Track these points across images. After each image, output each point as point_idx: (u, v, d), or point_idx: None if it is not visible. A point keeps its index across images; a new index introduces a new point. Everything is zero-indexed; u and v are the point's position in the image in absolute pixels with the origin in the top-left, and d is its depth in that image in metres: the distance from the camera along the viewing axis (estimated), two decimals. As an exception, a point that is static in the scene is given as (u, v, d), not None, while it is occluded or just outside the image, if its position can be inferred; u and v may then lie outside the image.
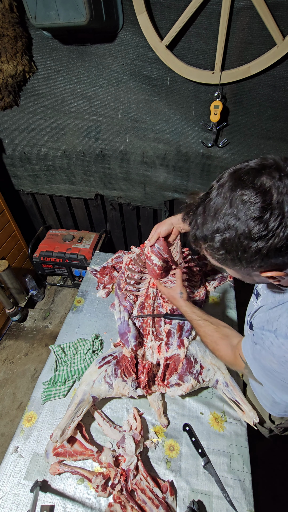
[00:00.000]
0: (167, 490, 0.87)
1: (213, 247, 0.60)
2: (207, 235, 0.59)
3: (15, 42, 1.57)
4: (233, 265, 0.62)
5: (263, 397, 1.00)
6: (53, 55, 1.68)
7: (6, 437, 1.81)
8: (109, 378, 1.04)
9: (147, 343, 1.17)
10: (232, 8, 1.35)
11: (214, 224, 0.57)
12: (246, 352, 0.76)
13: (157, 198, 2.20)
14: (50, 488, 0.91)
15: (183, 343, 1.12)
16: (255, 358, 0.71)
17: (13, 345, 2.28)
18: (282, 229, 0.51)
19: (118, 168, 2.09)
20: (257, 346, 0.69)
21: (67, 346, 1.26)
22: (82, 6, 1.28)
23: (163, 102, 1.73)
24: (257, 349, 0.69)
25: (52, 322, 2.43)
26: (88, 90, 1.77)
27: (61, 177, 2.25)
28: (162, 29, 1.49)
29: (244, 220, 0.53)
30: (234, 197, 0.55)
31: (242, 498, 0.88)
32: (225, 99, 1.63)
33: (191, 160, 1.93)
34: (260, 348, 0.67)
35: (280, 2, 1.31)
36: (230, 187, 0.56)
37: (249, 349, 0.74)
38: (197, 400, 1.08)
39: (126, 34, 1.54)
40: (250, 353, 0.73)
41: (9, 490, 0.91)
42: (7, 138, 2.11)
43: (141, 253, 1.36)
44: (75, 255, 2.30)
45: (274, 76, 1.51)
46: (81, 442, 0.97)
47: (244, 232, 0.53)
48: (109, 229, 2.60)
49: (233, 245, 0.56)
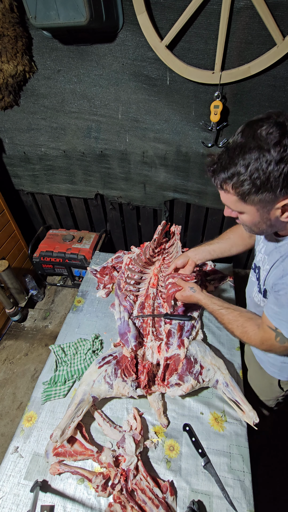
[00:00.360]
0: (167, 490, 0.87)
1: (240, 181, 0.66)
2: (234, 171, 0.66)
3: (15, 42, 1.57)
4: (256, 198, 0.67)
5: (271, 365, 1.07)
6: (53, 55, 1.68)
7: (6, 437, 1.81)
8: (109, 378, 1.04)
9: (147, 343, 1.17)
10: (232, 8, 1.35)
11: (240, 159, 0.65)
12: (270, 314, 0.82)
13: (157, 198, 2.20)
14: (50, 488, 0.91)
15: (183, 343, 1.12)
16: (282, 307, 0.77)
17: (13, 345, 2.28)
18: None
19: (118, 168, 2.09)
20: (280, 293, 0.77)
21: (67, 346, 1.26)
22: (82, 6, 1.28)
23: (163, 102, 1.73)
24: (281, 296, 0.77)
25: (52, 322, 2.43)
26: (88, 90, 1.77)
27: (61, 177, 2.25)
28: (162, 29, 1.49)
29: (267, 148, 0.62)
30: (255, 132, 0.64)
31: (242, 498, 0.88)
32: (225, 99, 1.63)
33: (191, 160, 1.93)
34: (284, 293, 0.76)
35: (280, 2, 1.31)
36: (249, 128, 0.66)
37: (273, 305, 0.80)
38: (197, 400, 1.08)
39: (126, 34, 1.54)
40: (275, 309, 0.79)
41: (9, 490, 0.91)
42: (7, 138, 2.11)
43: (140, 253, 1.37)
44: (75, 255, 2.30)
45: (274, 76, 1.51)
46: (81, 442, 0.97)
47: (267, 158, 0.62)
48: (109, 229, 2.60)
49: (259, 172, 0.63)
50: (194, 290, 1.10)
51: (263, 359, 1.11)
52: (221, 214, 2.22)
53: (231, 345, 1.24)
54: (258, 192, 0.66)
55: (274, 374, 1.08)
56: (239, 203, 0.71)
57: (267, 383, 1.14)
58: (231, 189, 0.69)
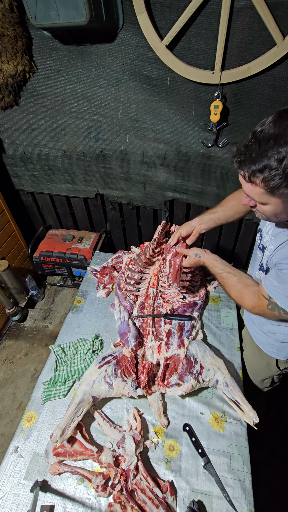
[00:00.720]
0: (167, 490, 0.87)
1: (272, 175, 0.64)
2: (267, 164, 0.64)
3: (15, 42, 1.57)
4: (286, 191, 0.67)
5: (270, 346, 1.12)
6: (53, 55, 1.68)
7: (6, 437, 1.81)
8: (109, 378, 1.04)
9: (147, 343, 1.17)
10: (232, 8, 1.35)
11: (274, 152, 0.63)
12: (267, 286, 0.88)
13: (157, 198, 2.20)
14: (50, 488, 0.91)
15: (183, 343, 1.12)
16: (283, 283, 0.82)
17: (13, 345, 2.28)
18: None
19: (118, 168, 2.09)
20: (284, 271, 0.82)
21: (67, 346, 1.26)
22: (82, 6, 1.28)
23: (163, 102, 1.73)
24: (283, 274, 0.82)
25: (52, 322, 2.43)
26: (88, 90, 1.77)
27: (61, 177, 2.25)
28: (162, 29, 1.49)
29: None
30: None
31: (242, 498, 0.88)
32: (225, 99, 1.63)
33: (191, 160, 1.93)
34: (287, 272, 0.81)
35: (280, 2, 1.31)
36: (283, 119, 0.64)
37: (273, 280, 0.86)
38: (197, 400, 1.08)
39: (126, 34, 1.54)
40: (274, 283, 0.85)
41: (9, 490, 0.91)
42: (7, 138, 2.11)
43: (140, 253, 1.37)
44: (75, 255, 2.30)
45: (274, 76, 1.51)
46: (81, 442, 0.97)
47: None
48: (109, 229, 2.60)
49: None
50: (199, 255, 1.14)
51: (262, 340, 1.16)
52: (221, 214, 2.22)
53: (231, 345, 1.24)
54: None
55: (272, 354, 1.14)
56: (266, 195, 0.71)
57: (264, 363, 1.20)
58: (261, 182, 0.68)
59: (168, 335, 1.16)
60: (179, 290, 1.32)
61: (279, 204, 0.72)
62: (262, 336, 1.15)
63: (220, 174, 1.94)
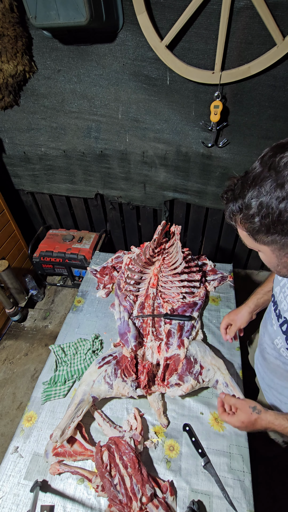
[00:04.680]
0: (167, 490, 0.87)
1: (248, 216, 0.57)
2: (242, 203, 0.58)
3: (15, 42, 1.57)
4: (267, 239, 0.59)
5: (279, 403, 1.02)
6: (53, 55, 1.68)
7: (6, 437, 1.81)
8: (109, 378, 1.04)
9: (147, 343, 1.17)
10: (232, 8, 1.35)
11: (251, 190, 0.56)
12: None
13: (157, 198, 2.20)
14: (50, 488, 0.91)
15: (183, 343, 1.12)
16: None
17: (13, 345, 2.28)
18: None
19: (118, 167, 2.09)
20: None
21: (67, 346, 1.26)
22: (82, 6, 1.27)
23: (163, 102, 1.73)
24: None
25: (52, 322, 2.43)
26: (88, 90, 1.77)
27: (61, 177, 2.25)
28: (162, 29, 1.49)
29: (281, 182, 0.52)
30: (273, 162, 0.54)
31: (242, 498, 0.88)
32: (225, 99, 1.63)
33: (191, 160, 1.93)
34: None
35: (280, 2, 1.31)
36: (271, 154, 0.55)
37: None
38: (197, 400, 1.08)
39: (126, 34, 1.54)
40: None
41: (9, 490, 0.91)
42: (7, 137, 2.11)
43: (140, 253, 1.37)
44: (75, 255, 2.30)
45: (274, 76, 1.51)
46: (80, 442, 0.97)
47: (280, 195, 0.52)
48: (109, 229, 2.60)
49: (269, 210, 0.54)
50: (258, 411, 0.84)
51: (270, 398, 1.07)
52: (221, 214, 2.22)
53: (231, 345, 1.24)
54: (268, 232, 0.57)
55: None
56: (251, 240, 0.63)
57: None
58: (239, 223, 0.61)
59: (168, 335, 1.16)
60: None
61: (270, 253, 0.62)
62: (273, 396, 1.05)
63: (220, 174, 1.94)
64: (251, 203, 0.56)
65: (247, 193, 0.56)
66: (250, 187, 0.56)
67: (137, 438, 0.95)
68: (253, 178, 0.56)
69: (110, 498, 0.84)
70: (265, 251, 0.63)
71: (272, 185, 0.53)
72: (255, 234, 0.60)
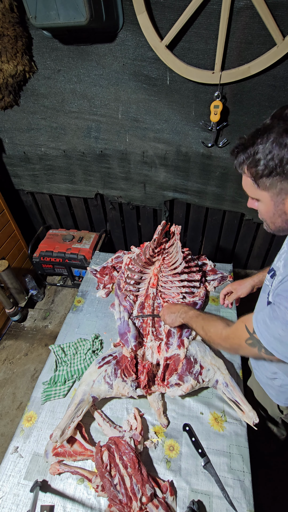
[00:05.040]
0: (167, 490, 0.87)
1: (254, 161, 0.64)
2: (252, 150, 0.64)
3: (15, 42, 1.57)
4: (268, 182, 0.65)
5: (270, 388, 1.04)
6: (53, 55, 1.67)
7: (6, 437, 1.80)
8: (109, 378, 1.04)
9: (147, 343, 1.17)
10: (232, 8, 1.35)
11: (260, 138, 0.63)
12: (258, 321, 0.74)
13: (157, 198, 2.20)
14: (50, 488, 0.91)
15: (183, 343, 1.12)
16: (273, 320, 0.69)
17: (13, 345, 2.28)
18: None
19: (118, 167, 2.09)
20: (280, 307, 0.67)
21: (67, 346, 1.26)
22: (82, 6, 1.27)
23: (163, 102, 1.73)
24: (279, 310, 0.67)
25: (52, 322, 2.43)
26: (88, 90, 1.77)
27: (61, 177, 2.25)
28: (162, 29, 1.49)
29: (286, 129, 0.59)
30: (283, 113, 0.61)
31: (242, 498, 0.88)
32: (225, 99, 1.63)
33: (191, 160, 1.93)
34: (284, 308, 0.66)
35: (280, 2, 1.31)
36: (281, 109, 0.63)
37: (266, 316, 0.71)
38: (197, 400, 1.08)
39: (126, 34, 1.54)
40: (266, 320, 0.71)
41: (9, 490, 0.91)
42: (7, 137, 2.11)
43: (140, 253, 1.36)
44: (75, 255, 2.30)
45: (274, 76, 1.51)
46: (80, 442, 0.97)
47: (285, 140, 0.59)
48: (109, 229, 2.60)
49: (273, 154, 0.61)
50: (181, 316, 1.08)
51: (262, 381, 1.08)
52: (221, 214, 2.22)
53: (231, 345, 1.24)
54: (271, 175, 0.63)
55: (272, 397, 1.06)
56: (254, 187, 0.69)
57: (269, 403, 1.12)
58: (247, 170, 0.68)
59: (168, 335, 1.16)
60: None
61: (268, 200, 0.69)
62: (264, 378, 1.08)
63: (220, 174, 1.94)
64: (258, 149, 0.63)
65: (257, 141, 0.64)
66: (259, 136, 0.63)
67: (137, 438, 0.95)
68: (263, 129, 0.64)
69: (110, 498, 0.84)
70: (264, 198, 0.70)
71: (279, 131, 0.60)
72: (258, 178, 0.66)
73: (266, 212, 0.72)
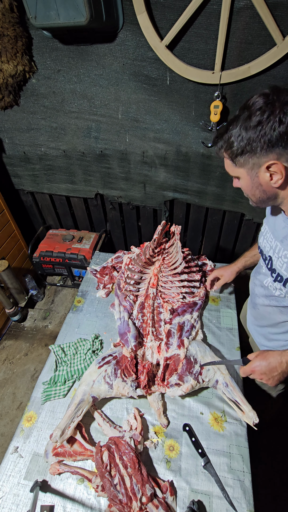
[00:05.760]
0: (167, 490, 0.87)
1: (229, 143, 0.76)
2: (226, 136, 0.77)
3: (15, 42, 1.57)
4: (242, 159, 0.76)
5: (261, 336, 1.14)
6: (53, 55, 1.67)
7: (6, 437, 1.81)
8: (109, 378, 1.04)
9: (147, 343, 1.17)
10: (232, 8, 1.35)
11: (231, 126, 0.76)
12: None
13: (157, 198, 2.20)
14: (50, 488, 0.91)
15: (183, 343, 1.12)
16: None
17: (13, 345, 2.28)
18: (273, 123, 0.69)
19: (118, 167, 2.09)
20: None
21: (67, 346, 1.26)
22: (82, 6, 1.27)
23: (163, 102, 1.73)
24: None
25: (52, 322, 2.43)
26: (88, 90, 1.77)
27: (61, 177, 2.25)
28: (162, 29, 1.49)
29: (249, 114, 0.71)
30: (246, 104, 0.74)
31: (242, 498, 0.88)
32: (225, 99, 1.63)
33: (191, 160, 1.93)
34: None
35: (280, 2, 1.31)
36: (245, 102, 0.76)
37: None
38: (197, 400, 1.08)
39: (126, 34, 1.54)
40: None
41: (9, 490, 0.91)
42: (7, 137, 2.11)
43: (140, 253, 1.36)
44: (75, 255, 2.30)
45: (274, 76, 1.51)
46: (80, 442, 0.96)
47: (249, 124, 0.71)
48: (109, 229, 2.60)
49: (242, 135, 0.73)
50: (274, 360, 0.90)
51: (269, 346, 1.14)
52: (221, 214, 2.23)
53: (231, 345, 1.24)
54: (243, 153, 0.75)
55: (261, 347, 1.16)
56: (233, 167, 0.81)
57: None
58: (225, 153, 0.80)
59: (168, 335, 1.16)
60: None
61: (245, 175, 0.80)
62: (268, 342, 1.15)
63: (220, 174, 1.94)
64: (231, 133, 0.75)
65: (229, 128, 0.76)
66: (231, 124, 0.76)
67: (137, 438, 0.95)
68: (233, 118, 0.77)
69: (110, 498, 0.84)
70: (242, 174, 0.81)
71: (244, 118, 0.72)
72: (234, 157, 0.78)
73: (246, 187, 0.83)
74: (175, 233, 1.41)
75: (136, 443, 0.93)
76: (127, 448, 0.90)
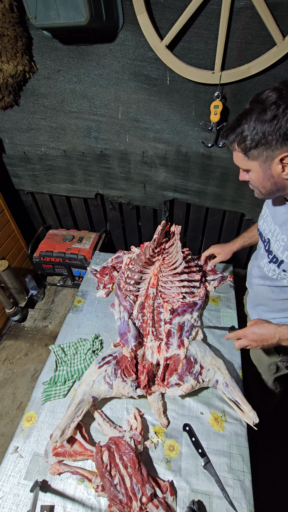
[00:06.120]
0: (167, 490, 0.87)
1: (243, 137, 0.77)
2: (239, 130, 0.78)
3: (15, 42, 1.57)
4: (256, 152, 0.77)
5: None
6: (53, 55, 1.67)
7: (6, 437, 1.81)
8: (109, 378, 1.04)
9: (147, 343, 1.17)
10: (232, 8, 1.35)
11: (244, 120, 0.76)
12: None
13: (157, 198, 2.20)
14: (50, 488, 0.91)
15: (183, 343, 1.12)
16: None
17: (13, 345, 2.28)
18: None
19: (118, 167, 2.09)
20: None
21: (67, 346, 1.26)
22: (82, 6, 1.27)
23: (163, 102, 1.73)
24: None
25: (52, 322, 2.43)
26: (88, 90, 1.77)
27: (61, 177, 2.25)
28: (162, 29, 1.49)
29: (264, 108, 0.72)
30: (258, 98, 0.75)
31: (242, 498, 0.88)
32: (225, 99, 1.63)
33: (191, 160, 1.93)
34: None
35: (280, 2, 1.31)
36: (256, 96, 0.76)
37: None
38: (197, 400, 1.08)
39: (126, 34, 1.54)
40: None
41: (9, 490, 0.91)
42: (7, 138, 2.11)
43: (140, 253, 1.36)
44: (75, 255, 2.30)
45: (274, 76, 1.51)
46: (80, 442, 0.97)
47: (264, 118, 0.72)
48: (109, 229, 2.60)
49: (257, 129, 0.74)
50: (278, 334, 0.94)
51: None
52: (221, 214, 2.23)
53: (231, 345, 1.24)
54: (257, 146, 0.76)
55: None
56: (245, 160, 0.82)
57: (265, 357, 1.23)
58: (237, 146, 0.80)
59: (168, 335, 1.16)
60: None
61: (258, 168, 0.81)
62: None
63: (220, 174, 1.94)
64: (244, 127, 0.76)
65: (242, 122, 0.77)
66: (243, 118, 0.77)
67: (137, 438, 0.95)
68: (245, 112, 0.77)
69: (110, 498, 0.84)
70: (254, 167, 0.82)
71: (258, 112, 0.73)
72: (247, 151, 0.79)
73: (257, 179, 0.84)
74: (175, 233, 1.42)
75: (136, 443, 0.93)
76: (127, 448, 0.90)
